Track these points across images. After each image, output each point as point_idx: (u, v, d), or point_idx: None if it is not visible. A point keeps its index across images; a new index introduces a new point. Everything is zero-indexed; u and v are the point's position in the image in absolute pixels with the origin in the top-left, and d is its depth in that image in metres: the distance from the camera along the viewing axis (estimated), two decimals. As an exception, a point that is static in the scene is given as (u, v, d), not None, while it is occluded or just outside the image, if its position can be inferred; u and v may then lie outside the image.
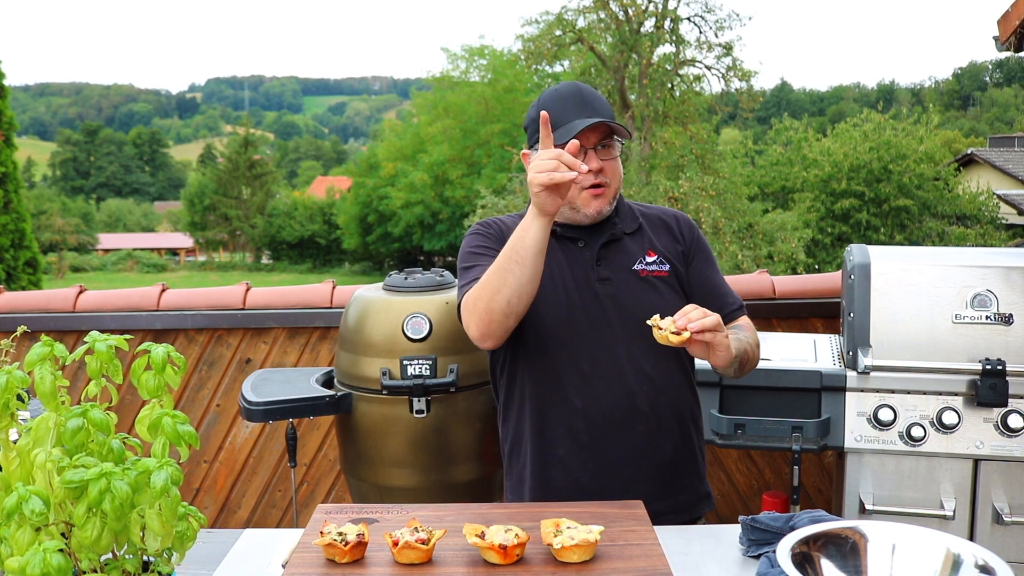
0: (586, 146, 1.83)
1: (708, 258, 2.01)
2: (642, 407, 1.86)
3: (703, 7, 20.12)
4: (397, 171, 31.80)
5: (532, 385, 1.90)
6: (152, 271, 40.48)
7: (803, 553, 1.31)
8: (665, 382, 1.89)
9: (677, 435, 1.91)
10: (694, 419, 1.97)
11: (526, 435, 1.92)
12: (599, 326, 1.87)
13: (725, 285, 2.02)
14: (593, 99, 1.87)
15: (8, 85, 10.33)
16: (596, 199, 1.86)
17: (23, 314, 3.35)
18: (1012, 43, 3.56)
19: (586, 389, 1.85)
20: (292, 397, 2.54)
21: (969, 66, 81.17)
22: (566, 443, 1.87)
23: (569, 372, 1.86)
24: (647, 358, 1.87)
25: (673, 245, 1.98)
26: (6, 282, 9.96)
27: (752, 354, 1.90)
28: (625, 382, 1.85)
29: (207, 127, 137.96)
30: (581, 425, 1.86)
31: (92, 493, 1.12)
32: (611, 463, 1.85)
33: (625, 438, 1.86)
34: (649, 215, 2.03)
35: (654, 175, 18.34)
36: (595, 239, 1.92)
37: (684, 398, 1.94)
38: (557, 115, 1.81)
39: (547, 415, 1.88)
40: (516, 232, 1.71)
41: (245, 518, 3.48)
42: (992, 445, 2.35)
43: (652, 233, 1.99)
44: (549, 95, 1.88)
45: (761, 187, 21.78)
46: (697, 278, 1.99)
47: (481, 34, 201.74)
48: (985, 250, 2.72)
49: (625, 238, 1.94)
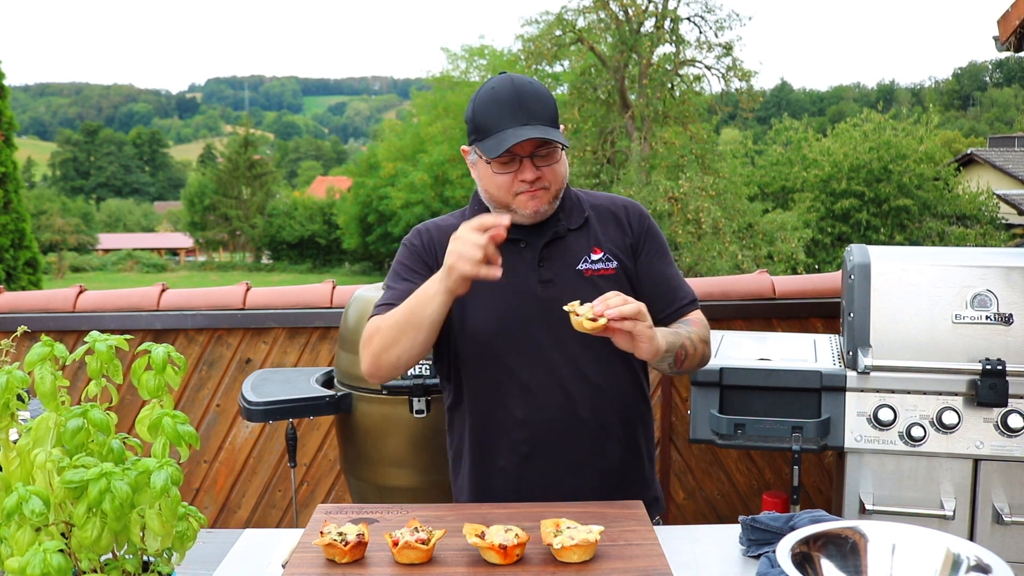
0: (520, 154, 1.73)
1: (659, 249, 1.91)
2: (584, 415, 1.79)
3: (703, 7, 20.15)
4: (397, 171, 31.80)
5: (474, 394, 1.83)
6: (152, 271, 40.49)
7: (803, 553, 1.31)
8: (610, 387, 1.82)
9: (623, 441, 1.85)
10: (643, 422, 1.91)
11: (467, 445, 1.86)
12: (539, 333, 1.78)
13: (678, 278, 1.92)
14: (531, 101, 1.73)
15: (8, 85, 10.33)
16: (533, 200, 1.76)
17: (23, 314, 3.35)
18: (1012, 43, 3.56)
19: (526, 399, 1.78)
20: (292, 397, 2.54)
21: (969, 66, 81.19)
22: (506, 454, 1.81)
23: (509, 381, 1.78)
24: (591, 364, 1.79)
25: (621, 238, 1.88)
26: (6, 282, 9.96)
27: (693, 350, 1.79)
28: (566, 391, 1.78)
29: (207, 127, 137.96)
30: (522, 436, 1.79)
31: (92, 493, 1.12)
32: (554, 473, 1.79)
33: (567, 448, 1.79)
34: (599, 207, 1.91)
35: (654, 175, 18.34)
36: (537, 238, 1.82)
37: (631, 403, 1.87)
38: (492, 121, 1.72)
39: (488, 425, 1.82)
40: (420, 296, 1.64)
41: (245, 518, 3.48)
42: (992, 445, 2.35)
43: (599, 227, 1.88)
44: (485, 96, 1.76)
45: (761, 187, 21.80)
46: (646, 270, 1.88)
47: (481, 34, 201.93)
48: (985, 250, 2.72)
49: (570, 235, 1.84)
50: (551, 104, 1.77)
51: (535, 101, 1.74)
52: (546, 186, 1.76)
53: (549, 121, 1.74)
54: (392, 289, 1.82)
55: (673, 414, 3.40)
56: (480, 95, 1.77)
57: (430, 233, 1.88)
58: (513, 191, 1.76)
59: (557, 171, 1.78)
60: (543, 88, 1.78)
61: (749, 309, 3.33)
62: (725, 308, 3.32)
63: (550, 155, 1.75)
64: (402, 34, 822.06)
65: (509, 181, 1.75)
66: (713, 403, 2.48)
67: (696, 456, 3.42)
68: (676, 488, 3.44)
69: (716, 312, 3.33)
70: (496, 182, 1.76)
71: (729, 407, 2.49)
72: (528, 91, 1.75)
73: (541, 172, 1.75)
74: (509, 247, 1.77)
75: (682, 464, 3.43)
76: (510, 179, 1.75)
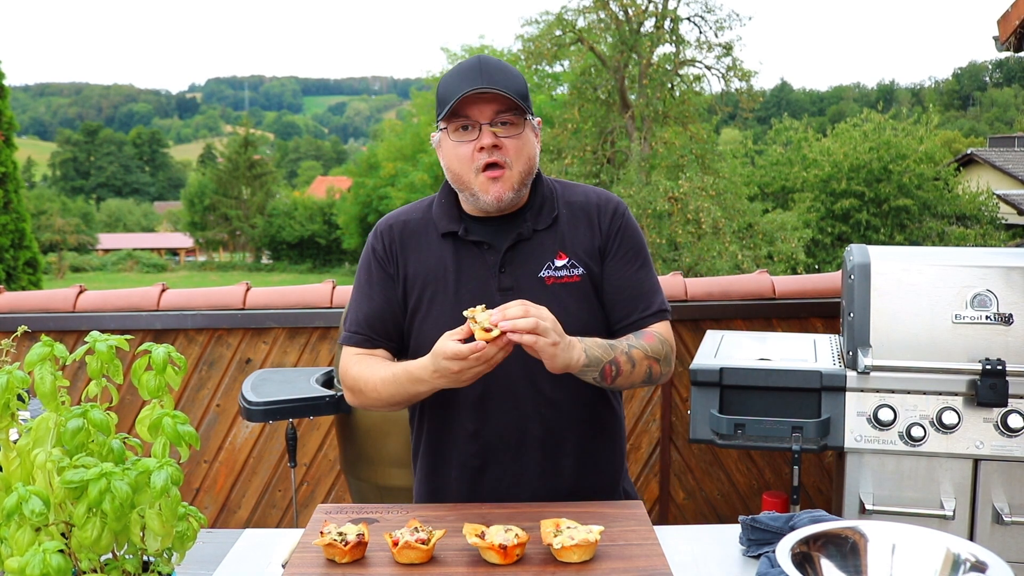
0: (480, 120, 1.65)
1: (630, 252, 1.77)
2: (536, 432, 1.72)
3: (703, 7, 20.14)
4: (397, 171, 31.81)
5: (430, 405, 1.78)
6: (152, 271, 40.50)
7: (803, 553, 1.31)
8: (566, 401, 1.73)
9: (580, 459, 1.76)
10: (608, 437, 1.82)
11: (421, 452, 1.84)
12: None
13: (647, 284, 1.77)
14: (493, 70, 1.65)
15: (8, 85, 10.35)
16: (494, 184, 1.66)
17: (23, 314, 3.35)
18: (1012, 43, 3.56)
19: (479, 412, 1.73)
20: (292, 397, 2.54)
21: (969, 66, 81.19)
22: (457, 467, 1.77)
23: (463, 393, 1.71)
24: (548, 378, 1.68)
25: (589, 241, 1.75)
26: (6, 282, 9.96)
27: (630, 367, 1.66)
28: (519, 405, 1.72)
29: (207, 127, 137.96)
30: (472, 449, 1.74)
31: (92, 493, 1.12)
32: (504, 488, 1.74)
33: (517, 464, 1.73)
34: (573, 203, 1.79)
35: (654, 175, 18.35)
36: (502, 239, 1.73)
37: (590, 417, 1.78)
38: (451, 89, 1.65)
39: (441, 437, 1.78)
40: (412, 377, 1.60)
41: (245, 518, 3.48)
42: (992, 445, 2.35)
43: (568, 228, 1.76)
44: (450, 70, 1.70)
45: (761, 187, 21.81)
46: (610, 273, 1.75)
47: (481, 34, 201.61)
48: (985, 250, 2.72)
49: (536, 236, 1.73)
50: (518, 79, 1.69)
51: (498, 72, 1.66)
52: (507, 163, 1.66)
53: (512, 92, 1.65)
54: (359, 306, 1.79)
55: (673, 414, 3.40)
56: (447, 72, 1.72)
57: (391, 233, 1.80)
58: (473, 165, 1.66)
59: (522, 149, 1.68)
60: (512, 67, 1.72)
61: (749, 309, 3.33)
62: (725, 308, 3.32)
63: (512, 126, 1.67)
64: (402, 34, 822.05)
65: (469, 152, 1.66)
66: (713, 403, 2.48)
67: (696, 456, 3.42)
68: (676, 488, 3.44)
69: (716, 312, 3.33)
70: (457, 154, 1.68)
71: (729, 407, 2.49)
72: (493, 63, 1.68)
73: (501, 143, 1.65)
74: (471, 249, 1.73)
75: (682, 464, 3.43)
76: (469, 149, 1.66)
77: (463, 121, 1.67)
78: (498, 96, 1.64)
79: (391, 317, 1.77)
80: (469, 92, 1.62)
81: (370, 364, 1.72)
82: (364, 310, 1.78)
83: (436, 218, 1.78)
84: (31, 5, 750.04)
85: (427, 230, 1.79)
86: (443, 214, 1.78)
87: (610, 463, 1.84)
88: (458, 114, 1.66)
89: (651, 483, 3.45)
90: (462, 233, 1.74)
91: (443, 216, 1.77)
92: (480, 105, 1.65)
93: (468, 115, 1.66)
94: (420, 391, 1.63)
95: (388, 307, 1.77)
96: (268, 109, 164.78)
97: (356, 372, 1.73)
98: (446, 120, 1.68)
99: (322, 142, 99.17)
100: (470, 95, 1.63)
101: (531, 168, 1.72)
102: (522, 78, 1.72)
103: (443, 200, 1.80)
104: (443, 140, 1.72)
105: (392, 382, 1.66)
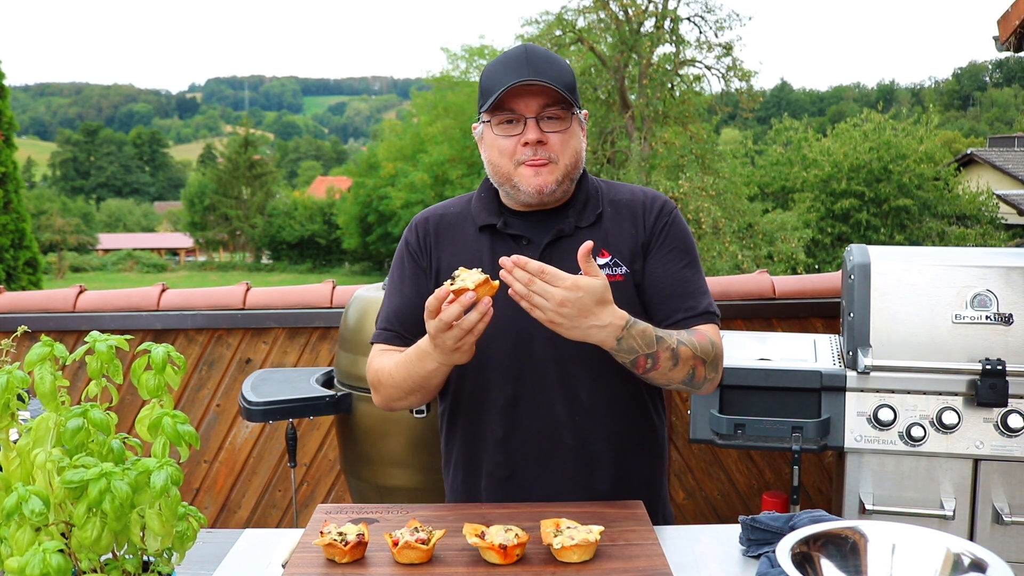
0: (526, 114, 1.58)
1: (676, 250, 1.68)
2: (568, 441, 1.64)
3: (703, 7, 20.15)
4: (397, 171, 31.81)
5: (463, 408, 1.71)
6: (152, 271, 40.51)
7: (803, 553, 1.31)
8: (605, 411, 1.65)
9: (616, 470, 1.68)
10: (647, 449, 1.72)
11: (454, 461, 1.77)
12: (532, 344, 1.62)
13: (694, 283, 1.67)
14: (540, 60, 1.58)
15: (8, 85, 10.33)
16: (537, 175, 1.58)
17: (23, 314, 3.35)
18: (1012, 43, 3.56)
19: (509, 417, 1.65)
20: (292, 397, 2.54)
21: (969, 66, 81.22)
22: (485, 476, 1.70)
23: (495, 396, 1.65)
24: (585, 384, 1.63)
25: (633, 238, 1.67)
26: (6, 282, 9.96)
27: (668, 364, 1.53)
28: (552, 411, 1.64)
29: (207, 127, 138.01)
30: (500, 458, 1.67)
31: (92, 493, 1.12)
32: (534, 500, 1.65)
33: (547, 474, 1.66)
34: (618, 202, 1.71)
35: (654, 175, 18.35)
36: (541, 235, 1.65)
37: (627, 427, 1.69)
38: (497, 79, 1.59)
39: (473, 443, 1.71)
40: (420, 352, 1.54)
41: (245, 518, 3.48)
42: (992, 445, 2.35)
43: (612, 226, 1.68)
44: (495, 60, 1.62)
45: (761, 187, 21.81)
46: (653, 270, 1.66)
47: (481, 34, 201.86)
48: (985, 250, 2.72)
49: (578, 233, 1.65)
50: (566, 70, 1.62)
51: (545, 62, 1.59)
52: (553, 158, 1.59)
53: (560, 85, 1.57)
54: (391, 302, 1.74)
55: (673, 414, 3.40)
56: (492, 61, 1.64)
57: (427, 226, 1.74)
58: (515, 158, 1.60)
59: (569, 144, 1.62)
60: (559, 57, 1.64)
61: (749, 309, 3.33)
62: (725, 308, 3.32)
63: (559, 120, 1.60)
64: (402, 34, 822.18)
65: (512, 146, 1.60)
66: (713, 403, 2.48)
67: (696, 456, 3.42)
68: (676, 488, 3.44)
69: (716, 312, 3.33)
70: (498, 146, 1.61)
71: (729, 407, 2.49)
72: (540, 53, 1.60)
73: (547, 138, 1.59)
74: (508, 243, 1.66)
75: (682, 464, 3.43)
76: (513, 143, 1.60)
77: (508, 115, 1.59)
78: (545, 89, 1.57)
79: (422, 311, 1.67)
80: (515, 84, 1.55)
81: (391, 354, 1.67)
82: (395, 305, 1.72)
83: (475, 212, 1.72)
84: (31, 5, 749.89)
85: (464, 223, 1.72)
86: (482, 208, 1.71)
87: (652, 477, 1.75)
88: (503, 106, 1.59)
89: (651, 483, 3.45)
90: (501, 226, 1.67)
91: (482, 210, 1.71)
92: (526, 98, 1.57)
93: (514, 108, 1.58)
94: (428, 368, 1.54)
95: (419, 301, 1.62)
96: (268, 109, 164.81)
97: (377, 365, 1.67)
98: (490, 112, 1.60)
99: (322, 142, 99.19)
100: (516, 87, 1.56)
101: (578, 163, 1.65)
102: (570, 69, 1.65)
103: (483, 194, 1.73)
104: (486, 133, 1.65)
105: (404, 363, 1.59)
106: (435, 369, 1.54)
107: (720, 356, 1.65)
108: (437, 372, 1.56)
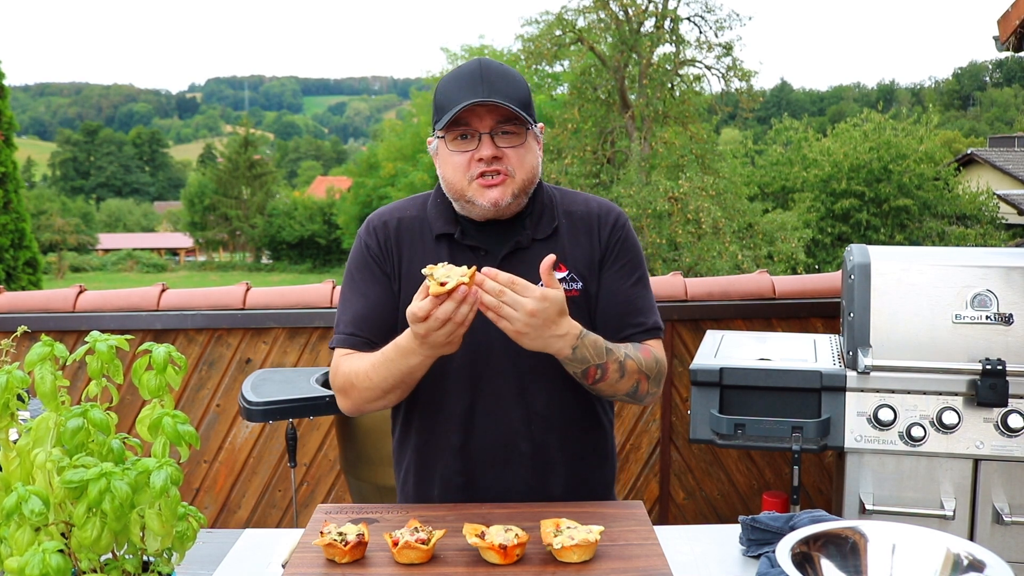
0: (480, 130, 1.59)
1: (628, 265, 1.72)
2: (524, 448, 1.67)
3: (703, 7, 20.16)
4: (397, 171, 31.81)
5: (419, 414, 1.73)
6: (152, 271, 40.51)
7: (803, 553, 1.31)
8: (561, 420, 1.69)
9: (569, 476, 1.71)
10: (598, 454, 1.77)
11: (406, 466, 1.78)
12: (487, 354, 1.64)
13: (642, 300, 1.72)
14: (494, 77, 1.59)
15: (8, 85, 10.35)
16: (490, 189, 1.59)
17: (23, 314, 3.35)
18: (1012, 43, 3.56)
19: (467, 426, 1.67)
20: (292, 397, 2.54)
21: (969, 66, 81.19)
22: (440, 482, 1.71)
23: (453, 405, 1.67)
24: (541, 394, 1.66)
25: (589, 253, 1.71)
26: (6, 282, 9.96)
27: (619, 375, 1.59)
28: (509, 420, 1.66)
29: (207, 127, 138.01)
30: (457, 465, 1.69)
31: (92, 493, 1.12)
32: (488, 503, 1.67)
33: (502, 481, 1.68)
34: (573, 214, 1.73)
35: (654, 175, 18.35)
36: (498, 246, 1.67)
37: (585, 436, 1.74)
38: (451, 95, 1.60)
39: (428, 449, 1.72)
40: (402, 351, 1.53)
41: (245, 518, 3.48)
42: (992, 445, 2.35)
43: (569, 239, 1.71)
44: (448, 75, 1.64)
45: (761, 187, 21.82)
46: (606, 286, 1.70)
47: (481, 34, 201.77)
48: (985, 250, 2.72)
49: (536, 246, 1.67)
50: (520, 86, 1.63)
51: (499, 78, 1.60)
52: (509, 171, 1.61)
53: (515, 101, 1.59)
54: (353, 305, 1.71)
55: (673, 414, 3.40)
56: (446, 76, 1.66)
57: (387, 231, 1.73)
58: (469, 173, 1.60)
59: (523, 158, 1.62)
60: (514, 72, 1.65)
61: (749, 309, 3.33)
62: (725, 308, 3.32)
63: (514, 135, 1.61)
64: (402, 34, 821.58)
65: (465, 162, 1.61)
66: (713, 403, 2.48)
67: (696, 456, 3.42)
68: (676, 488, 3.44)
69: (716, 312, 3.33)
70: (452, 163, 1.62)
71: (729, 407, 2.49)
72: (494, 68, 1.61)
73: (503, 153, 1.60)
74: (466, 253, 1.67)
75: (682, 464, 3.43)
76: (467, 159, 1.61)
77: (462, 130, 1.61)
78: (500, 106, 1.58)
79: (388, 315, 1.69)
80: (469, 104, 1.56)
81: (360, 357, 1.65)
82: (359, 309, 1.70)
83: (431, 218, 1.72)
84: (31, 5, 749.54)
85: (422, 229, 1.72)
86: (438, 215, 1.72)
87: (603, 481, 1.79)
88: (458, 123, 1.60)
89: (651, 483, 3.45)
90: (458, 236, 1.69)
91: (438, 217, 1.72)
92: (481, 114, 1.59)
93: (468, 123, 1.60)
94: (412, 364, 1.54)
95: (383, 305, 1.69)
96: (268, 109, 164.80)
97: (346, 368, 1.65)
98: (444, 129, 1.61)
99: (322, 142, 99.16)
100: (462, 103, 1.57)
101: (533, 178, 1.67)
102: (525, 84, 1.66)
103: (439, 200, 1.74)
104: (440, 148, 1.66)
105: (383, 363, 1.57)
106: (420, 363, 1.55)
107: (663, 372, 1.71)
108: (422, 366, 1.56)
